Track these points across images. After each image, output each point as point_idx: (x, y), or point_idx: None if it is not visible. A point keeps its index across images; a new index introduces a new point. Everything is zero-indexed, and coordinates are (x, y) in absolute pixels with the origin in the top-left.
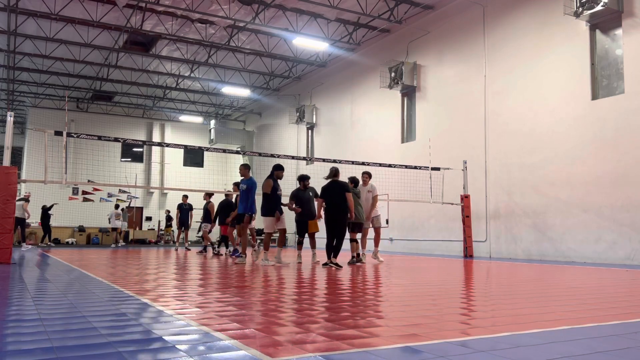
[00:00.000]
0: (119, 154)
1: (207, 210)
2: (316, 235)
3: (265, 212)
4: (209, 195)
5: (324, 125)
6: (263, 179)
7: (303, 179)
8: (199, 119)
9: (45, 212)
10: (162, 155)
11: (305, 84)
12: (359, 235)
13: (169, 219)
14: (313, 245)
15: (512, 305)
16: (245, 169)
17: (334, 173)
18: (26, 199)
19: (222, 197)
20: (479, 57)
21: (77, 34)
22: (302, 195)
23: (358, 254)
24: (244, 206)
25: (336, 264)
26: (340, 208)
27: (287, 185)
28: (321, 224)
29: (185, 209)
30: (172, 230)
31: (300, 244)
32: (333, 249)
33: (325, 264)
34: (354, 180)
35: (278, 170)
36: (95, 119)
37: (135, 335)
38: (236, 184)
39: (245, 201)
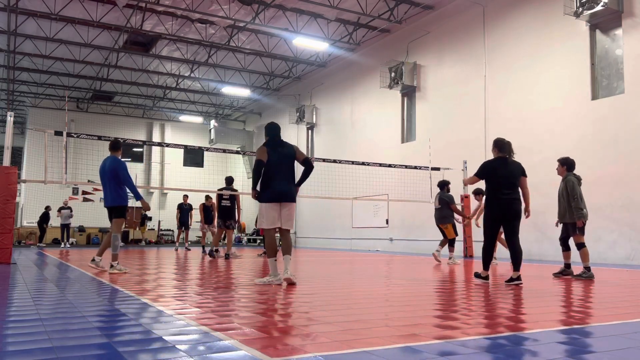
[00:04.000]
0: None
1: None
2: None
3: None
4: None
5: (324, 125)
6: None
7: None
8: (199, 119)
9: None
10: (162, 155)
11: (305, 84)
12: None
13: (144, 217)
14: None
15: (512, 305)
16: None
17: (508, 147)
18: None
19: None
20: (479, 57)
21: (77, 34)
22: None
23: (569, 265)
24: (113, 196)
25: (517, 279)
26: (516, 198)
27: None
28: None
29: (185, 209)
30: (145, 231)
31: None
32: (513, 258)
33: (477, 275)
34: (569, 162)
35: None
36: (95, 119)
37: (135, 335)
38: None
39: (115, 189)
